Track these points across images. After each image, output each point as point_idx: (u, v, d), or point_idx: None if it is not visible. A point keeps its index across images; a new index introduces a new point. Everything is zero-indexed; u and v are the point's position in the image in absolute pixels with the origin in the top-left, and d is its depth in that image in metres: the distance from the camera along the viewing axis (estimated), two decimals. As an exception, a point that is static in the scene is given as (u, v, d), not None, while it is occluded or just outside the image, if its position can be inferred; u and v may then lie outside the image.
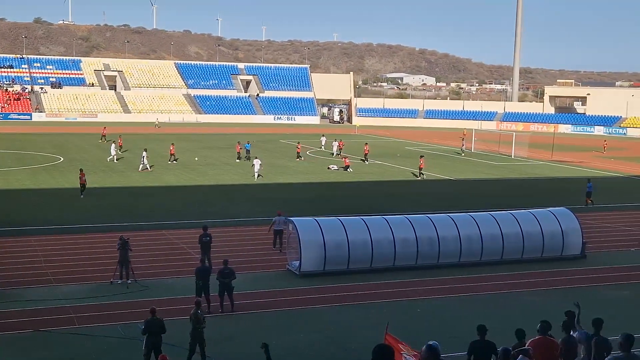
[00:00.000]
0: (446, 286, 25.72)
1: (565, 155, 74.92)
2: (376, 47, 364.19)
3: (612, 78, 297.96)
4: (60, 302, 22.61)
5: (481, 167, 63.75)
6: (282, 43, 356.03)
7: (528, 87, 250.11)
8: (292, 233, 27.49)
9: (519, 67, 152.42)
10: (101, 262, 26.88)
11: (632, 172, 60.67)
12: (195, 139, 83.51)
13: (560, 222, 30.15)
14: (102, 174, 51.98)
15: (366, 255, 27.16)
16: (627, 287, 26.33)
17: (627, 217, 40.36)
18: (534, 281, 26.77)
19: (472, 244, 28.58)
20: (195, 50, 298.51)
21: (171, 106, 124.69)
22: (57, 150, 67.33)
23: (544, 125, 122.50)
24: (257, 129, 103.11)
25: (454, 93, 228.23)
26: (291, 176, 53.63)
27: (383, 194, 46.38)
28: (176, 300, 22.80)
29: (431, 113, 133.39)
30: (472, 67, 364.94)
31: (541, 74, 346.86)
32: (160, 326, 17.33)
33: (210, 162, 61.12)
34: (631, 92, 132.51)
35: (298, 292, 24.56)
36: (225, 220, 36.34)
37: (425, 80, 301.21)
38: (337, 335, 20.52)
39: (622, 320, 20.97)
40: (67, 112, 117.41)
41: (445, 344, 19.14)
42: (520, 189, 50.59)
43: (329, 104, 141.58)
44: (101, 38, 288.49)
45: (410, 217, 29.54)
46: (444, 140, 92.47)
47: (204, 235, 26.76)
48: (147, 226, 34.42)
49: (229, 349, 19.13)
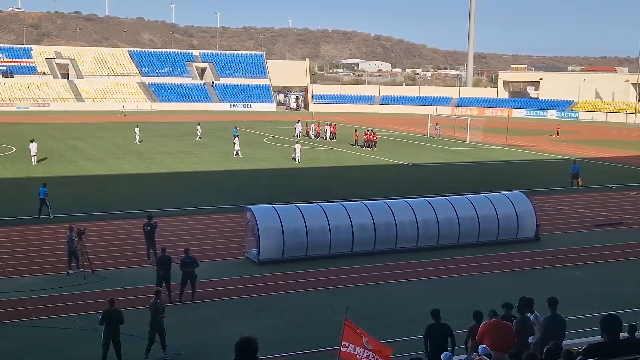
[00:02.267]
0: (404, 271, 26.00)
1: (519, 139, 75.96)
2: (331, 34, 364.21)
3: (564, 62, 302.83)
4: (15, 294, 22.30)
5: (437, 152, 64.33)
6: (237, 30, 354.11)
7: (482, 73, 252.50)
8: (250, 221, 27.49)
9: (473, 52, 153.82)
10: (57, 254, 26.52)
11: (584, 155, 61.79)
12: (150, 127, 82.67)
13: (515, 205, 30.65)
14: (55, 164, 51.24)
15: (324, 242, 27.30)
16: (579, 268, 26.93)
17: (579, 200, 41.16)
18: (490, 264, 27.22)
19: (429, 229, 28.90)
20: (149, 38, 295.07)
21: (125, 94, 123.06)
22: (9, 141, 66.12)
23: (498, 110, 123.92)
24: (212, 117, 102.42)
25: (410, 79, 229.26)
26: (248, 163, 53.50)
27: (340, 180, 46.57)
28: (134, 290, 22.66)
29: (387, 99, 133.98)
30: (427, 53, 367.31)
31: (495, 59, 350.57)
32: (118, 316, 17.23)
33: (167, 151, 60.64)
34: (582, 77, 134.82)
35: (257, 279, 24.58)
36: (182, 209, 36.15)
37: (380, 66, 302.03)
38: (297, 321, 20.64)
39: (575, 300, 21.48)
40: (18, 101, 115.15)
41: (404, 327, 19.44)
42: (475, 173, 51.22)
43: (285, 91, 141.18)
44: (52, 26, 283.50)
45: (367, 203, 29.76)
46: (400, 126, 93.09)
47: (147, 224, 26.60)
48: (103, 216, 34.07)
49: (189, 337, 19.10)
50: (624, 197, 42.70)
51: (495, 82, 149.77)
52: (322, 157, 58.67)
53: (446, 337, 14.59)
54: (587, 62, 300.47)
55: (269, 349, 15.69)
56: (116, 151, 59.63)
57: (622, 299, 21.94)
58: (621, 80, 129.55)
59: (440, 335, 14.58)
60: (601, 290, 24.14)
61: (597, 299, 22.58)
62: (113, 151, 59.59)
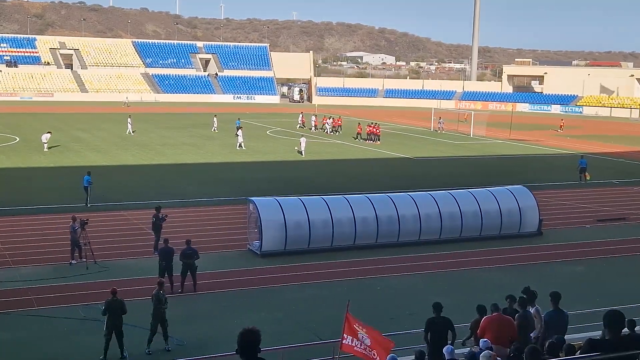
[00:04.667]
0: (406, 264, 26.02)
1: (523, 133, 75.83)
2: (336, 26, 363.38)
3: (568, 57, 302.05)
4: (18, 284, 22.37)
5: (440, 145, 64.27)
6: (241, 21, 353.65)
7: (486, 67, 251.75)
8: (253, 213, 27.51)
9: (477, 46, 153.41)
10: (59, 244, 26.53)
11: (587, 150, 61.67)
12: (154, 119, 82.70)
13: (518, 199, 30.62)
14: (58, 154, 51.29)
15: (327, 235, 27.31)
16: (581, 263, 26.93)
17: (582, 195, 41.13)
18: (492, 258, 27.21)
19: (431, 223, 28.89)
20: (153, 29, 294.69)
21: (129, 85, 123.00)
22: (13, 131, 66.16)
23: (502, 104, 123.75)
24: (216, 109, 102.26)
25: (414, 72, 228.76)
26: (251, 156, 53.49)
27: (343, 173, 46.56)
28: (137, 281, 22.71)
29: (391, 92, 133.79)
30: (431, 46, 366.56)
31: (499, 53, 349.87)
32: (121, 307, 17.28)
33: (170, 143, 60.64)
34: (587, 71, 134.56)
35: (259, 271, 24.61)
36: (185, 201, 36.20)
37: (384, 59, 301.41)
38: (298, 314, 20.67)
39: (576, 295, 21.48)
40: (22, 92, 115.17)
41: (405, 321, 19.46)
42: (478, 168, 51.17)
43: (288, 84, 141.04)
44: (56, 16, 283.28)
45: (370, 196, 29.76)
46: (403, 120, 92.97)
47: (155, 216, 26.63)
48: (106, 207, 34.11)
49: (191, 328, 19.15)
50: (627, 192, 42.64)
51: (500, 76, 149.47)
52: (326, 150, 58.62)
53: (447, 330, 14.59)
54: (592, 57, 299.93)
55: (270, 341, 15.69)
56: (119, 142, 59.63)
57: (624, 294, 21.95)
58: (626, 75, 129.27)
59: (441, 328, 14.59)
60: (603, 285, 24.16)
61: (599, 294, 22.59)
62: (116, 142, 59.59)
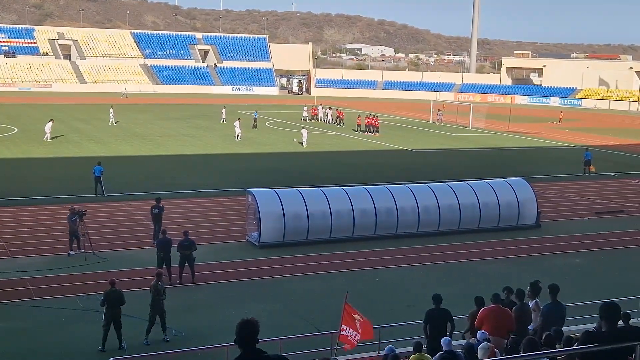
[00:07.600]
0: (404, 256, 26.05)
1: (522, 126, 75.82)
2: (335, 18, 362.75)
3: (567, 49, 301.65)
4: (16, 275, 22.39)
5: (439, 138, 64.27)
6: (240, 12, 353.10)
7: (486, 59, 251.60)
8: (251, 204, 27.51)
9: (476, 38, 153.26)
10: (58, 234, 26.55)
11: (586, 142, 61.63)
12: (152, 110, 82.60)
13: (516, 192, 30.64)
14: (57, 145, 51.24)
15: (325, 226, 27.33)
16: (579, 255, 26.97)
17: (580, 187, 41.16)
18: (490, 250, 27.25)
19: (430, 214, 28.92)
20: (152, 20, 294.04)
21: (128, 76, 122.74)
22: (11, 121, 66.06)
23: (501, 97, 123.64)
24: (215, 100, 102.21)
25: (413, 64, 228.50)
26: (250, 147, 53.47)
27: (341, 165, 46.56)
28: (135, 272, 22.73)
29: (390, 84, 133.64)
30: (431, 38, 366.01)
31: (499, 45, 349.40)
32: (119, 298, 17.30)
33: (169, 134, 60.60)
34: (586, 64, 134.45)
35: (258, 262, 24.63)
36: (184, 192, 36.20)
37: (384, 51, 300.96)
38: (296, 305, 20.70)
39: (574, 287, 21.51)
40: (20, 82, 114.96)
41: (403, 312, 19.50)
42: (477, 160, 51.18)
43: (287, 75, 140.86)
44: (55, 6, 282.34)
45: (369, 188, 29.77)
46: (402, 112, 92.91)
47: (155, 206, 26.64)
48: (104, 198, 34.09)
49: (189, 319, 19.17)
50: (626, 185, 42.68)
51: (499, 68, 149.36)
52: (325, 142, 58.60)
53: (446, 322, 14.62)
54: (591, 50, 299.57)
55: (268, 332, 15.71)
56: (118, 133, 59.56)
57: (621, 287, 21.98)
58: (625, 68, 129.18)
59: (440, 320, 14.61)
60: (601, 277, 24.22)
61: (596, 287, 22.64)
62: (115, 133, 59.53)
